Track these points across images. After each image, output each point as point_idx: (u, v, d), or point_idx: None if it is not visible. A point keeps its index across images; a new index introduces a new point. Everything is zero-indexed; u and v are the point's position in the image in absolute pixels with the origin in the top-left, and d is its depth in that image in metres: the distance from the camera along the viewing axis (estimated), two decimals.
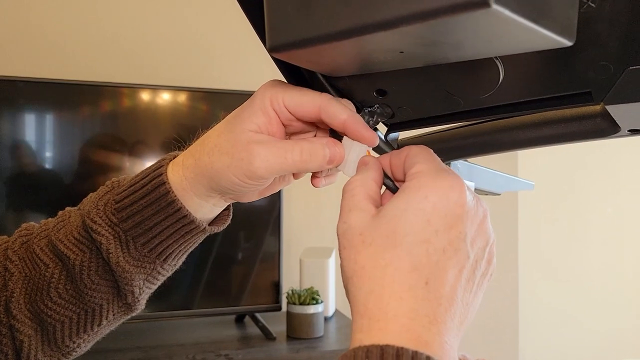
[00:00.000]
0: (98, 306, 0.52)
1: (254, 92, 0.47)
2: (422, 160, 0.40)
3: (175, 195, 0.49)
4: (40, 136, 1.47)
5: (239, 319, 1.68)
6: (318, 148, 0.46)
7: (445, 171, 0.39)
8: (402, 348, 0.33)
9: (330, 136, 0.49)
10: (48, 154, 1.48)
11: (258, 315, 1.62)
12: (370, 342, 0.34)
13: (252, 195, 0.52)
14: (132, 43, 1.78)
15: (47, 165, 1.48)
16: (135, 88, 1.53)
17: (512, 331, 2.19)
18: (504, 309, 2.15)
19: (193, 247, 0.55)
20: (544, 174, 2.92)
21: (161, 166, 0.50)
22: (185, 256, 0.55)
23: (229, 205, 0.55)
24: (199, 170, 0.48)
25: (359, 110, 0.48)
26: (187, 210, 0.49)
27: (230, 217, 0.56)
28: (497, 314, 2.35)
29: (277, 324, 1.57)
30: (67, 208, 0.56)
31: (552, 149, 2.54)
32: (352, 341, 0.36)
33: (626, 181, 3.25)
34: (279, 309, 1.61)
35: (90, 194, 0.55)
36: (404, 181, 0.43)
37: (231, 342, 1.48)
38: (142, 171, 0.52)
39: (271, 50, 0.38)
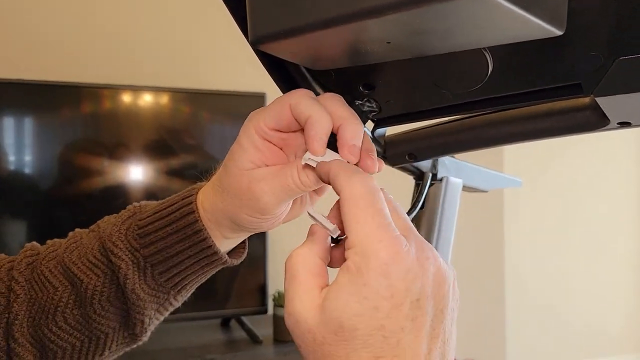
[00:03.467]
0: (104, 334, 0.51)
1: (237, 92, 0.46)
2: (355, 222, 0.35)
3: (203, 225, 0.48)
4: (19, 139, 1.43)
5: (225, 323, 1.66)
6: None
7: (381, 238, 0.34)
8: None
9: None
10: (27, 157, 1.45)
11: (244, 318, 1.60)
12: None
13: (276, 222, 0.50)
14: (113, 43, 1.75)
15: (26, 170, 1.45)
16: (116, 89, 1.51)
17: (499, 330, 2.19)
18: (490, 310, 2.15)
19: (205, 279, 0.54)
20: (530, 170, 2.94)
21: (191, 195, 0.49)
22: (195, 287, 0.54)
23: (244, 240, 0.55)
24: (218, 214, 0.48)
25: None
26: (212, 241, 0.49)
27: (246, 250, 0.55)
28: (484, 315, 2.35)
29: (263, 328, 1.55)
30: (77, 230, 0.55)
31: (537, 144, 2.55)
32: None
33: (612, 177, 3.28)
34: (265, 311, 1.60)
35: (107, 217, 0.53)
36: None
37: (217, 347, 1.46)
38: (170, 198, 0.51)
39: (254, 43, 0.36)
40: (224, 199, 0.46)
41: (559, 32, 0.33)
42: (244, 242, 0.55)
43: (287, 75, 0.48)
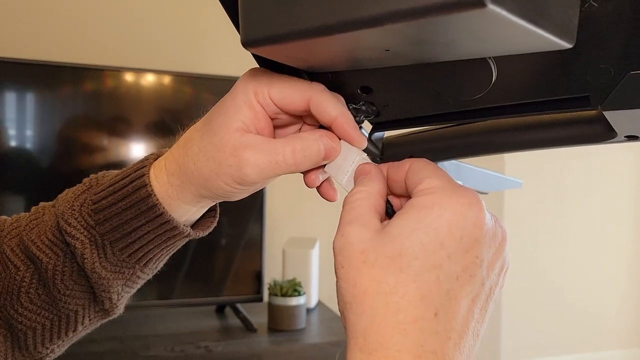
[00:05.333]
0: (73, 312, 0.48)
1: (238, 77, 0.43)
2: (431, 174, 0.35)
3: (157, 199, 0.45)
4: (21, 118, 1.42)
5: (220, 310, 1.66)
6: (311, 144, 0.41)
7: (461, 187, 0.35)
8: None
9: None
10: (28, 133, 1.43)
11: (239, 306, 1.60)
12: None
13: (243, 195, 0.47)
14: (117, 25, 1.73)
15: (27, 145, 1.43)
16: (119, 71, 1.49)
17: (494, 326, 2.19)
18: None
19: (175, 250, 0.51)
20: (530, 172, 2.92)
21: (143, 166, 0.46)
22: (167, 258, 0.51)
23: (214, 207, 0.51)
24: (185, 178, 0.44)
25: None
26: (170, 216, 0.45)
27: (216, 220, 0.51)
28: None
29: (258, 315, 1.55)
30: (41, 204, 0.51)
31: None
32: None
33: (610, 177, 3.27)
34: (260, 299, 1.59)
35: (66, 190, 0.50)
36: (401, 196, 0.40)
37: (211, 333, 1.46)
38: (123, 170, 0.47)
39: (245, 45, 0.34)
40: (197, 160, 0.43)
41: (568, 45, 0.32)
42: (214, 211, 0.51)
43: (283, 72, 0.46)
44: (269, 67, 0.45)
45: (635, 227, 3.36)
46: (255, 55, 0.42)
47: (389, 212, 0.39)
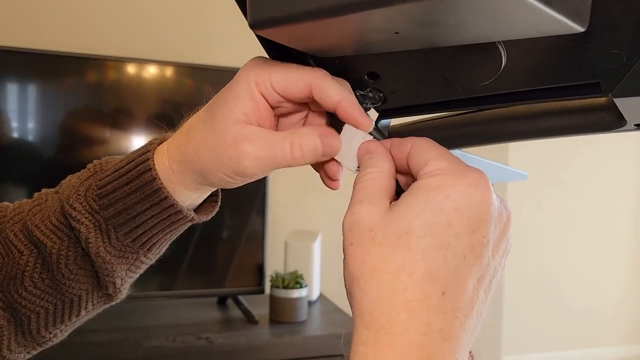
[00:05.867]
0: (76, 297, 0.49)
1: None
2: (436, 155, 0.36)
3: (162, 183, 0.45)
4: (22, 108, 1.41)
5: (221, 301, 1.66)
6: (309, 141, 0.41)
7: (467, 167, 0.35)
8: None
9: (327, 120, 0.45)
10: (30, 124, 1.43)
11: (241, 297, 1.60)
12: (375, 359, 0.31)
13: (243, 183, 0.47)
14: (119, 15, 1.72)
15: (29, 137, 1.43)
16: (120, 61, 1.48)
17: (495, 320, 2.19)
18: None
19: (178, 235, 0.51)
20: (534, 163, 2.92)
21: (148, 151, 0.46)
22: (169, 243, 0.52)
23: (216, 192, 0.51)
24: (186, 165, 0.44)
25: None
26: (174, 200, 0.46)
27: (218, 205, 0.52)
28: None
29: (260, 307, 1.55)
30: (44, 190, 0.52)
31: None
32: (354, 354, 0.32)
33: (612, 171, 3.26)
34: (262, 291, 1.59)
35: (70, 176, 0.50)
36: (403, 174, 0.39)
37: (212, 325, 1.46)
38: (128, 155, 0.47)
39: (253, 26, 0.34)
40: (198, 148, 0.43)
41: (581, 29, 0.31)
42: (216, 196, 0.52)
43: (288, 59, 0.46)
44: (275, 52, 0.44)
45: (637, 222, 3.36)
46: (261, 40, 0.42)
47: (397, 190, 0.39)
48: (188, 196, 0.47)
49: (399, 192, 0.39)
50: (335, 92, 0.40)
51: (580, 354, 3.21)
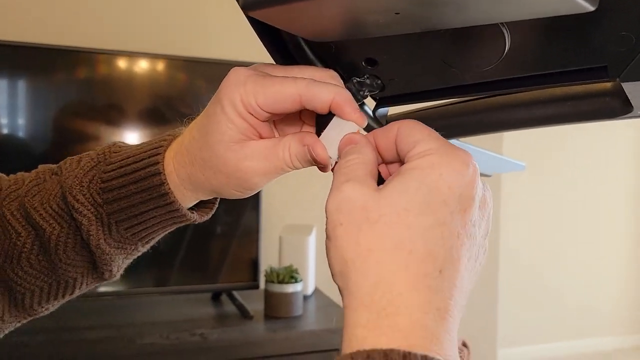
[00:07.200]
0: (72, 279, 0.49)
1: (235, 62, 0.41)
2: (424, 137, 0.35)
3: (170, 188, 0.45)
4: (13, 102, 1.39)
5: (216, 297, 1.64)
6: (303, 151, 0.41)
7: (455, 147, 0.35)
8: (409, 353, 0.28)
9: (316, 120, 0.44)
10: (20, 120, 1.40)
11: (235, 293, 1.58)
12: (376, 341, 0.30)
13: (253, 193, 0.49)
14: (110, 7, 1.69)
15: (20, 133, 1.41)
16: (112, 54, 1.46)
17: (491, 311, 2.19)
18: (483, 290, 2.14)
19: (173, 228, 0.51)
20: (529, 154, 2.91)
21: (158, 153, 0.46)
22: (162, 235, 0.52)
23: None
24: (197, 184, 0.45)
25: (346, 80, 0.43)
26: (179, 204, 0.46)
27: (217, 205, 0.52)
28: (476, 295, 2.35)
29: (254, 303, 1.53)
30: (41, 167, 0.51)
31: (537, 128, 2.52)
32: (350, 337, 0.31)
33: (608, 163, 3.26)
34: (257, 286, 1.57)
35: (69, 159, 0.49)
36: (391, 163, 0.39)
37: (207, 321, 1.44)
38: (135, 151, 0.47)
39: (245, 8, 0.32)
40: (204, 172, 0.44)
41: (591, 8, 0.29)
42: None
43: (282, 46, 0.44)
44: (267, 38, 0.43)
45: (632, 214, 3.37)
46: (253, 23, 0.40)
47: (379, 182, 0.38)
48: (191, 200, 0.48)
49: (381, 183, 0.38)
50: (324, 95, 0.39)
51: (575, 345, 3.22)
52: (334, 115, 0.40)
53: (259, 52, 0.46)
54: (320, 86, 0.39)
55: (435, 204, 0.32)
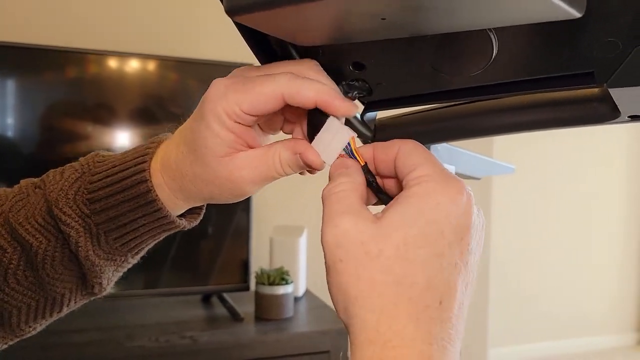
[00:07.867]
0: (60, 295, 0.48)
1: (225, 62, 0.41)
2: (423, 161, 0.35)
3: (157, 195, 0.45)
4: (2, 102, 1.37)
5: (206, 299, 1.63)
6: (294, 158, 0.41)
7: (450, 175, 0.35)
8: None
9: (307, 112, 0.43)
10: (9, 120, 1.39)
11: (225, 295, 1.57)
12: None
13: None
14: (101, 7, 1.68)
15: (9, 133, 1.39)
16: (102, 54, 1.45)
17: (481, 312, 2.19)
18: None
19: (163, 237, 0.51)
20: (519, 157, 2.92)
21: (144, 161, 0.45)
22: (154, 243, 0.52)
23: None
24: (189, 194, 0.45)
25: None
26: (167, 211, 0.46)
27: (204, 211, 0.52)
28: None
29: (245, 305, 1.52)
30: (23, 182, 0.50)
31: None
32: None
33: (598, 164, 3.28)
34: (247, 288, 1.57)
35: (52, 171, 0.48)
36: (387, 177, 0.39)
37: (196, 323, 1.43)
38: (120, 159, 0.46)
39: (229, 12, 0.32)
40: (196, 184, 0.44)
41: (577, 14, 0.29)
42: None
43: (268, 49, 0.44)
44: (253, 41, 0.42)
45: (624, 214, 3.38)
46: (240, 28, 0.39)
47: (374, 189, 0.38)
48: (183, 208, 0.48)
49: (381, 193, 0.38)
50: (309, 91, 0.38)
51: (566, 344, 3.24)
52: (327, 116, 0.40)
53: (249, 53, 0.46)
54: (302, 82, 0.39)
55: (433, 235, 0.33)
